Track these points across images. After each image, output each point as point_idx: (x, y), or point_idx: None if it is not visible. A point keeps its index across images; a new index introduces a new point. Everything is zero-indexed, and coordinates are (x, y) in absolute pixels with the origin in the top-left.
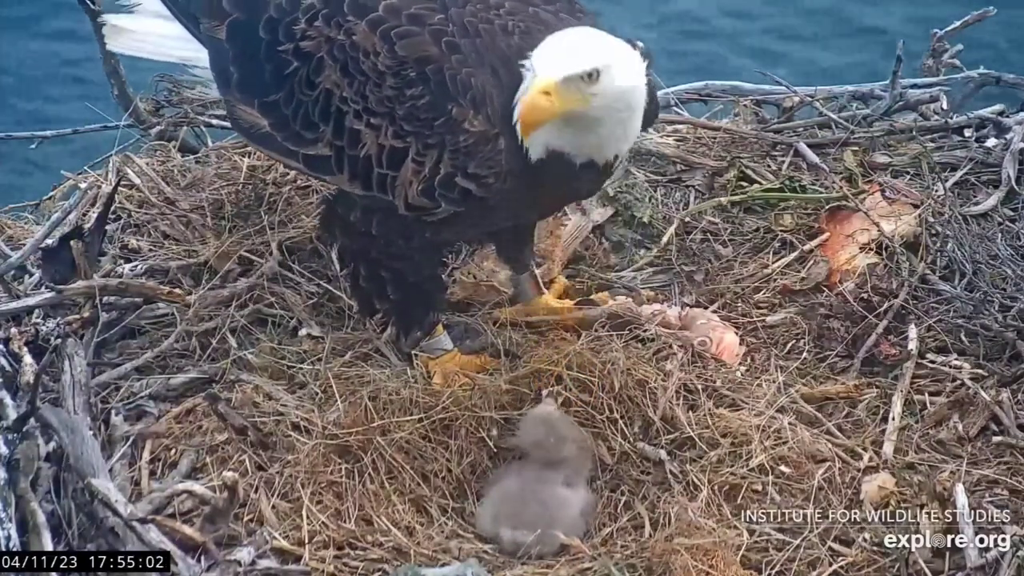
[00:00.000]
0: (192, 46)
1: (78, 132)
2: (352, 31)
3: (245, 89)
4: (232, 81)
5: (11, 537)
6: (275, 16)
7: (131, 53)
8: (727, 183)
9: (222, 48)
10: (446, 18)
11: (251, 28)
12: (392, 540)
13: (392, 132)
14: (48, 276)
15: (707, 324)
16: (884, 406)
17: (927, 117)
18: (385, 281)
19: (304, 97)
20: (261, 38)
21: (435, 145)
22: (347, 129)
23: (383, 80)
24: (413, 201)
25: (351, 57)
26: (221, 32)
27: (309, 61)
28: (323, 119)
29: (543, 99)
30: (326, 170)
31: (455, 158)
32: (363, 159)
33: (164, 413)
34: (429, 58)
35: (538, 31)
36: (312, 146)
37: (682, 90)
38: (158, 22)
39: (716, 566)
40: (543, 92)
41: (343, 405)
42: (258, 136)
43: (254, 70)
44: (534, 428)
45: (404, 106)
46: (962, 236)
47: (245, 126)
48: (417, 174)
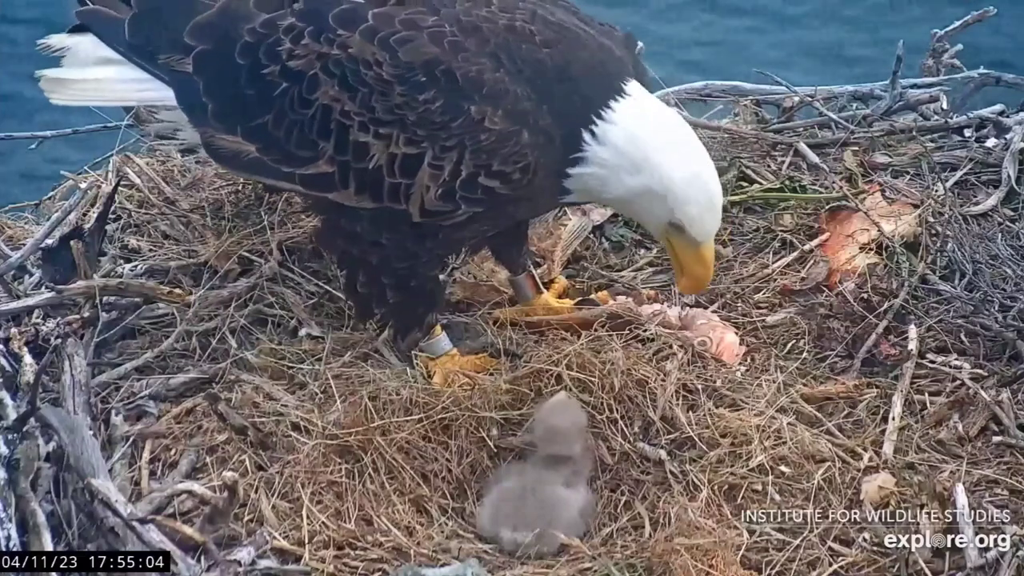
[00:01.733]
0: (152, 85)
1: (78, 132)
2: (347, 44)
3: (224, 118)
4: (208, 112)
5: (11, 537)
6: (251, 41)
7: (81, 104)
8: (727, 183)
9: (189, 81)
10: (440, 19)
11: (224, 56)
12: (392, 540)
13: (404, 139)
14: (48, 276)
15: (707, 324)
16: (884, 406)
17: (927, 117)
18: (385, 286)
19: (297, 116)
20: (239, 64)
21: (454, 147)
22: (352, 143)
23: (390, 89)
24: (430, 207)
25: (350, 70)
26: (186, 65)
27: (301, 79)
28: (322, 135)
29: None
30: (327, 187)
31: (477, 157)
32: (372, 171)
33: (164, 413)
34: (435, 60)
35: (542, 30)
36: (310, 165)
37: (682, 90)
38: (104, 68)
39: (716, 566)
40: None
41: (343, 405)
42: (244, 163)
43: (233, 97)
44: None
45: (416, 112)
46: (962, 236)
47: (228, 155)
48: (435, 179)
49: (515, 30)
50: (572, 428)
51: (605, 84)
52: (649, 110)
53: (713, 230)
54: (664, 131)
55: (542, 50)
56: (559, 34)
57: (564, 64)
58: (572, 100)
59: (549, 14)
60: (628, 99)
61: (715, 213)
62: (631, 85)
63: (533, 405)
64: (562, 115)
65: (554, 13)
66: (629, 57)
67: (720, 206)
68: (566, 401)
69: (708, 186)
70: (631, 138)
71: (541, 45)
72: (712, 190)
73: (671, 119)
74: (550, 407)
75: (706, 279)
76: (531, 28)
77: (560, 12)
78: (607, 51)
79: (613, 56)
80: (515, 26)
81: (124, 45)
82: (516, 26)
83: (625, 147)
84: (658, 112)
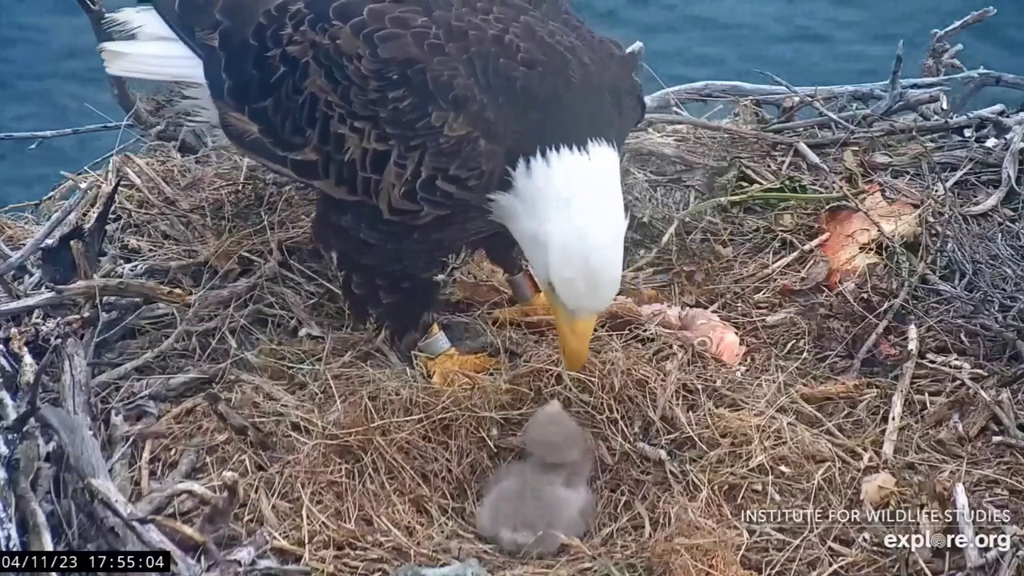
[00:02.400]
0: (190, 63)
1: (78, 132)
2: (336, 36)
3: (236, 95)
4: (224, 88)
5: (11, 537)
6: (264, 23)
7: (130, 75)
8: (727, 183)
9: (215, 56)
10: (430, 20)
11: (242, 35)
12: (392, 540)
13: (375, 135)
14: (48, 276)
15: (707, 324)
16: (884, 406)
17: (927, 117)
18: (378, 287)
19: (291, 103)
20: (251, 45)
21: (417, 147)
22: (332, 134)
23: (366, 83)
24: (396, 204)
25: (335, 63)
26: (214, 39)
27: (295, 66)
28: (309, 124)
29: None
30: (314, 175)
31: (436, 160)
32: (348, 163)
33: (164, 413)
34: (411, 60)
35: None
36: (299, 151)
37: (682, 90)
38: (156, 43)
39: (716, 566)
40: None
41: (343, 405)
42: (248, 143)
43: (244, 77)
44: (542, 428)
45: (387, 108)
46: (962, 236)
47: (236, 133)
48: (399, 177)
49: (501, 42)
50: (564, 440)
51: (569, 127)
52: (593, 172)
53: (588, 306)
54: (586, 193)
55: (519, 68)
56: (546, 57)
57: (535, 88)
58: (527, 124)
59: (547, 34)
60: (580, 155)
61: (594, 289)
62: (596, 147)
63: (533, 405)
64: (513, 134)
65: (554, 35)
66: (625, 81)
67: (603, 287)
68: (554, 413)
69: (591, 258)
70: (549, 183)
71: (521, 63)
72: (593, 264)
73: (606, 190)
74: (539, 421)
75: (579, 355)
76: (519, 44)
77: (564, 36)
78: (593, 96)
79: (599, 105)
80: (503, 39)
81: (175, 20)
82: (504, 39)
83: (541, 188)
84: (598, 178)
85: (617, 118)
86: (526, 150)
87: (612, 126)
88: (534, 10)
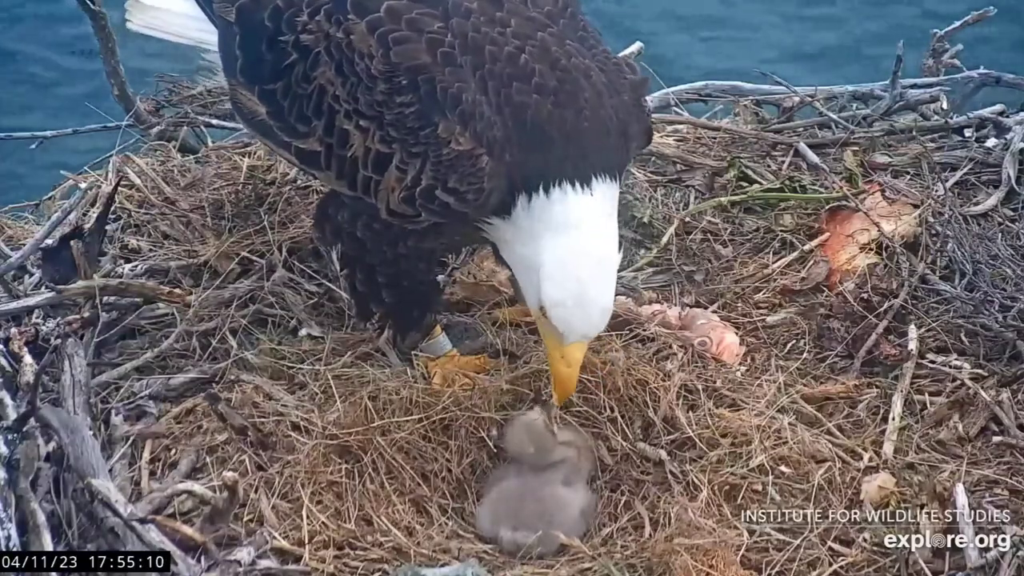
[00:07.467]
0: (209, 27)
1: (78, 132)
2: (350, 30)
3: (248, 74)
4: (237, 65)
5: (11, 537)
6: (280, 6)
7: (149, 32)
8: (727, 183)
9: (231, 30)
10: (446, 27)
11: (257, 14)
12: (392, 540)
13: (379, 137)
14: (48, 276)
15: (707, 324)
16: (884, 406)
17: (927, 117)
18: (380, 286)
19: (300, 90)
20: (266, 26)
21: (419, 155)
22: (337, 128)
23: (375, 84)
24: (395, 208)
25: (346, 57)
26: (231, 14)
27: (307, 55)
28: (316, 114)
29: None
30: (316, 165)
31: (437, 170)
32: (350, 159)
33: (164, 413)
34: (421, 67)
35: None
36: (304, 139)
37: (682, 90)
38: (183, 2)
39: (716, 566)
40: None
41: (343, 405)
42: (256, 123)
43: (257, 57)
44: (517, 436)
45: (392, 112)
46: (962, 236)
47: (245, 112)
48: (400, 181)
49: (516, 62)
50: (538, 449)
51: (575, 164)
52: (593, 206)
53: (579, 330)
54: (584, 224)
55: (531, 96)
56: (560, 83)
57: (544, 120)
58: (532, 157)
59: (564, 55)
60: (583, 192)
61: (585, 313)
62: (599, 184)
63: (533, 405)
64: (518, 163)
65: (570, 56)
66: (634, 109)
67: (596, 310)
68: (528, 422)
69: (584, 280)
70: (548, 215)
71: (534, 89)
72: (586, 287)
73: (604, 219)
74: (514, 430)
75: (569, 383)
76: (534, 67)
77: (579, 57)
78: (601, 128)
79: (606, 138)
80: (518, 59)
81: None
82: (520, 59)
83: (538, 219)
84: (596, 210)
85: (623, 151)
86: (529, 184)
87: (617, 158)
88: (552, 25)
